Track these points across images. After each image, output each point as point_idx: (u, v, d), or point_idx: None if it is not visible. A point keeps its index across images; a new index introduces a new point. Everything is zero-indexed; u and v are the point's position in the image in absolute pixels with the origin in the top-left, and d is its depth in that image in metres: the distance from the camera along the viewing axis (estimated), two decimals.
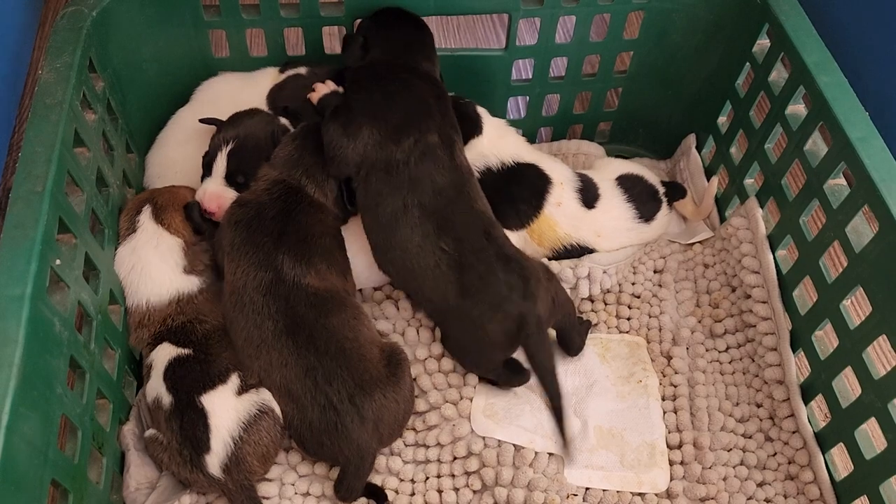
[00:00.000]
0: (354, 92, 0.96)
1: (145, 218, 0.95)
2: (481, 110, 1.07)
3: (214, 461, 0.83)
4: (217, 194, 0.96)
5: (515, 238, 1.04)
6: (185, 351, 0.89)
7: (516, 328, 0.87)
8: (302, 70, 1.08)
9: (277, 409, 0.87)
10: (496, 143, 1.05)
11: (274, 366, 0.86)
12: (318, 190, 0.95)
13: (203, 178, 0.98)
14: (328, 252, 0.92)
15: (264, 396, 0.87)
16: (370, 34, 1.02)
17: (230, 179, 0.97)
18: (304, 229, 0.92)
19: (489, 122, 1.06)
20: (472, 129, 1.05)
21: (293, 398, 0.86)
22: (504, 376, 0.94)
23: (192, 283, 0.93)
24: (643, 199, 1.10)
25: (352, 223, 0.99)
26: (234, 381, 0.87)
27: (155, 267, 0.93)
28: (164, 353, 0.89)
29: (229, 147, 0.97)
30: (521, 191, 1.04)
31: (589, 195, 1.07)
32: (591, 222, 1.06)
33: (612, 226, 1.07)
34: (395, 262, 0.92)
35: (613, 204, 1.08)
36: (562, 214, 1.05)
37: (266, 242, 0.90)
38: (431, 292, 0.91)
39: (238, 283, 0.89)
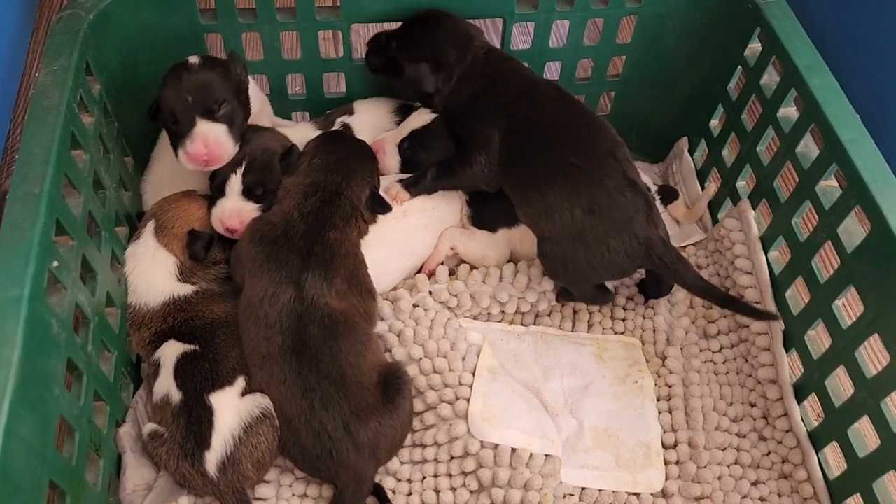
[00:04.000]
0: None
1: (148, 231, 0.96)
2: None
3: (212, 458, 0.84)
4: (237, 210, 0.95)
5: (518, 232, 1.05)
6: (192, 347, 0.90)
7: (643, 251, 0.91)
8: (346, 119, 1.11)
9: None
10: None
11: (274, 380, 0.87)
12: (355, 194, 0.96)
13: (215, 199, 0.97)
14: (352, 273, 0.93)
15: (267, 401, 0.87)
16: (437, 54, 1.03)
17: (248, 194, 0.96)
18: (331, 248, 0.92)
19: None
20: None
21: (287, 420, 0.86)
22: (595, 296, 1.01)
23: (186, 289, 0.94)
24: None
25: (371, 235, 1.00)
26: (240, 383, 0.88)
27: (151, 274, 0.94)
28: (171, 350, 0.90)
29: (244, 163, 0.95)
30: None
31: None
32: None
33: None
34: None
35: None
36: None
37: (292, 260, 0.90)
38: (556, 201, 0.93)
39: (255, 297, 0.89)
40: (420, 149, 1.06)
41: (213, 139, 0.91)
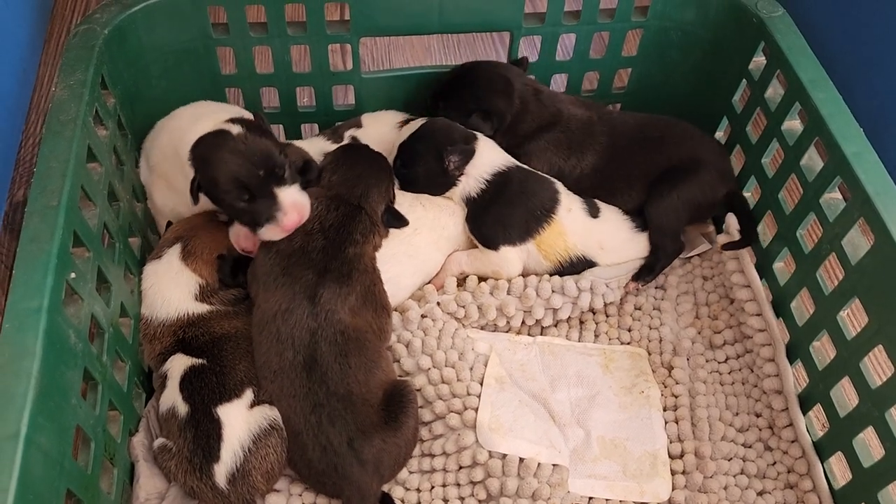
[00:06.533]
0: None
1: (173, 254, 0.96)
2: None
3: (222, 471, 0.85)
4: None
5: (517, 253, 1.05)
6: (199, 361, 0.90)
7: (730, 185, 1.11)
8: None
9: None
10: (494, 152, 1.08)
11: (284, 394, 0.88)
12: (373, 209, 0.97)
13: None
14: (368, 289, 0.93)
15: (276, 413, 0.88)
16: (482, 104, 1.09)
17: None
18: (349, 263, 0.92)
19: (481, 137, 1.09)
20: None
21: (295, 434, 0.87)
22: (681, 246, 1.12)
23: (202, 308, 0.95)
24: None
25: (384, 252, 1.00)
26: (248, 395, 0.89)
27: (170, 291, 0.95)
28: (178, 364, 0.91)
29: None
30: (531, 195, 1.05)
31: (591, 206, 1.09)
32: (596, 233, 1.08)
33: (614, 237, 1.09)
34: None
35: (613, 215, 1.10)
36: (571, 221, 1.06)
37: (307, 276, 0.90)
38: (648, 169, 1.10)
39: (269, 311, 0.90)
40: (409, 161, 1.06)
41: (300, 204, 0.90)
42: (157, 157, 1.04)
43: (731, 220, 1.11)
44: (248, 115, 0.98)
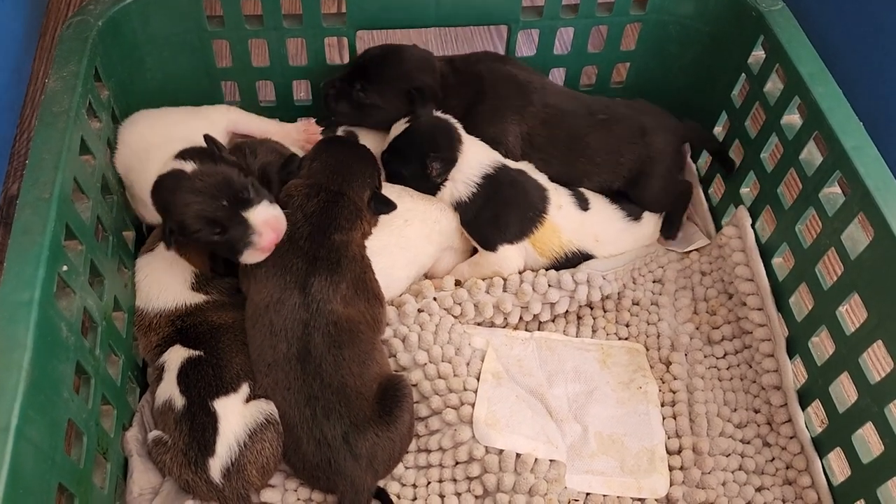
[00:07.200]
0: None
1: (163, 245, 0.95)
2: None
3: (217, 465, 0.84)
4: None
5: (516, 250, 1.05)
6: (197, 352, 0.90)
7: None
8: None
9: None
10: (481, 153, 1.06)
11: (279, 387, 0.87)
12: (357, 195, 0.96)
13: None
14: (358, 277, 0.93)
15: (272, 407, 0.88)
16: (414, 83, 1.07)
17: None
18: (337, 251, 0.92)
19: (467, 136, 1.07)
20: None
21: (290, 427, 0.87)
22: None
23: (198, 297, 0.95)
24: (625, 198, 1.12)
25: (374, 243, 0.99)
26: (244, 389, 0.89)
27: (165, 281, 0.95)
28: (176, 356, 0.90)
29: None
30: (522, 197, 1.05)
31: (580, 199, 1.09)
32: (589, 226, 1.08)
33: (607, 228, 1.09)
34: None
35: (602, 206, 1.10)
36: (563, 218, 1.06)
37: (297, 264, 0.90)
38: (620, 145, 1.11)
39: (261, 303, 0.89)
40: (398, 159, 1.05)
41: (273, 219, 0.88)
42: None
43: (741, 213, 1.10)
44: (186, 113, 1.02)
